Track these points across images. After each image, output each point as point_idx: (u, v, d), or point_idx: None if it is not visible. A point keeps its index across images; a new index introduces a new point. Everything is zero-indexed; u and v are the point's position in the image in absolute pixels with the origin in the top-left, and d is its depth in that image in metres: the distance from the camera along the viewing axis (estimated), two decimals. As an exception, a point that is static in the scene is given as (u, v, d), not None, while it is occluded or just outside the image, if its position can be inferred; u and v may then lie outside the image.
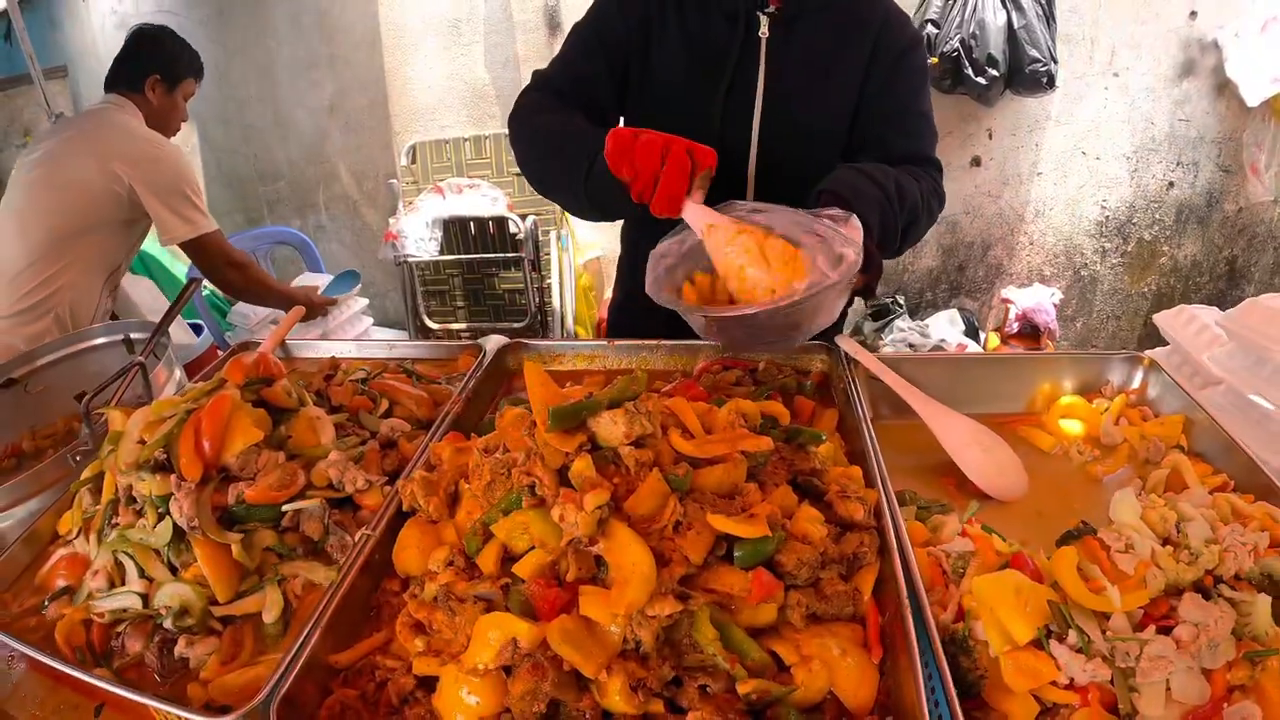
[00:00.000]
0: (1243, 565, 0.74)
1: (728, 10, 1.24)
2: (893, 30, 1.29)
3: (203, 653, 0.71)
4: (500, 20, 3.30)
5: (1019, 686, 0.62)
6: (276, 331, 1.26)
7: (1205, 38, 3.13)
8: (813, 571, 0.62)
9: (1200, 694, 0.65)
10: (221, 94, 3.93)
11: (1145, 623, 0.69)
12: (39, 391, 1.45)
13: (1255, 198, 3.33)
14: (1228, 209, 3.44)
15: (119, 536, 0.82)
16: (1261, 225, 3.48)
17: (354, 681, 0.64)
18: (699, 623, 0.55)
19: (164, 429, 0.80)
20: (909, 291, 3.53)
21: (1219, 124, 3.27)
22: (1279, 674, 0.68)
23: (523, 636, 0.52)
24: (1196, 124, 3.27)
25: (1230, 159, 3.32)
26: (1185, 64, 3.18)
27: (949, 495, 0.93)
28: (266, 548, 0.76)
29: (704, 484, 0.64)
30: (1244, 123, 3.23)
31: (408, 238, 2.97)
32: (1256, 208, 3.42)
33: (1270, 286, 3.62)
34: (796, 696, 0.56)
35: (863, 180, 1.05)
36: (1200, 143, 3.30)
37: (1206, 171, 3.36)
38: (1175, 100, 3.23)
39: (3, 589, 0.89)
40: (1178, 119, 3.26)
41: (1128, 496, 0.76)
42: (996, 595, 0.65)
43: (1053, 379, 1.16)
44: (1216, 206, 3.43)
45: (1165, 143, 3.30)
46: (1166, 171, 3.35)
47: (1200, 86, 3.21)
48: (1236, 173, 3.34)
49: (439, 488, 0.73)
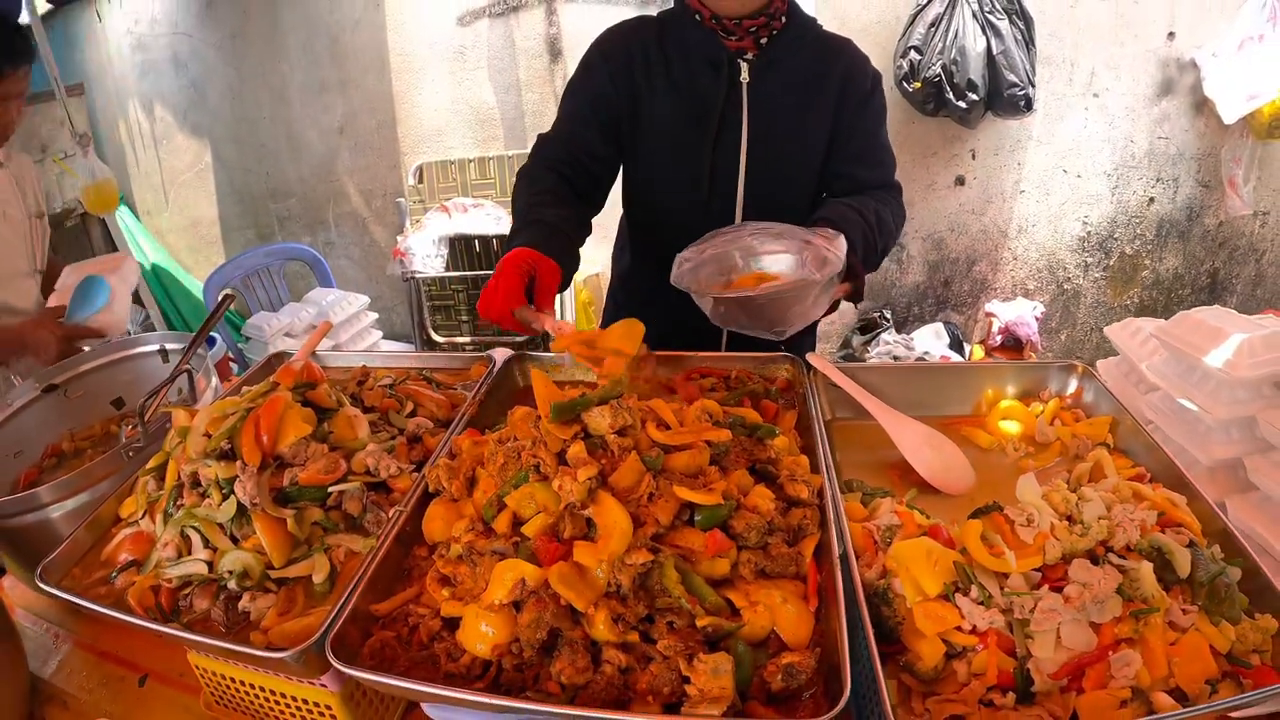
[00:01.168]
0: (1131, 538, 0.88)
1: (712, 59, 1.39)
2: (856, 75, 1.45)
3: (263, 606, 0.87)
4: (504, 47, 3.47)
5: (929, 630, 0.78)
6: (306, 345, 1.43)
7: (1183, 57, 3.26)
8: (761, 536, 0.79)
9: (1087, 642, 0.77)
10: (235, 114, 4.12)
11: (1044, 583, 0.85)
12: (78, 396, 1.57)
13: (1234, 211, 3.45)
14: (1208, 223, 3.56)
15: (186, 513, 0.97)
16: (1242, 238, 3.62)
17: (391, 626, 0.80)
18: (666, 571, 0.71)
19: (228, 424, 0.97)
20: (897, 306, 3.66)
21: (1198, 141, 3.40)
22: (1161, 629, 0.80)
23: (530, 577, 0.69)
24: (1176, 141, 3.40)
25: (1209, 174, 3.46)
26: (1164, 83, 3.31)
27: (893, 484, 1.09)
28: (314, 522, 0.93)
29: (673, 465, 0.82)
30: (1222, 139, 3.35)
31: (415, 255, 3.14)
32: (1237, 221, 3.54)
33: (1252, 297, 3.77)
34: (744, 632, 0.72)
35: (849, 211, 1.30)
36: (1180, 159, 3.43)
37: (1186, 187, 3.48)
38: (1154, 119, 3.36)
39: (72, 565, 1.03)
40: (1157, 137, 3.39)
41: (1030, 480, 0.92)
42: (911, 557, 0.81)
43: (997, 385, 1.29)
44: (1197, 221, 3.56)
45: (1145, 160, 3.43)
46: (1147, 188, 3.48)
47: (1179, 105, 3.34)
48: (1216, 188, 3.46)
49: (459, 473, 0.90)
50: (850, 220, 1.26)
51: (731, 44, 1.39)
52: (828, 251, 1.08)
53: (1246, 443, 1.18)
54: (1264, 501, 1.13)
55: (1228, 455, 1.17)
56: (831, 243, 1.10)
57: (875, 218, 1.32)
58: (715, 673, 0.66)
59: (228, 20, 3.94)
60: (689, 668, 0.66)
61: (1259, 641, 0.81)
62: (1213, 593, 0.84)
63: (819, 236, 1.13)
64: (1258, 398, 1.16)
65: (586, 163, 1.44)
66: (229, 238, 4.49)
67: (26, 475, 1.41)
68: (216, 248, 4.55)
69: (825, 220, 1.24)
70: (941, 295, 3.68)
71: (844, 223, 1.23)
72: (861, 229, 1.27)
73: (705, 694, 0.64)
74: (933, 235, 3.54)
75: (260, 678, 0.93)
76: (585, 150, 1.44)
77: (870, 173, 1.48)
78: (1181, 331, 1.27)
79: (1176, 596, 0.84)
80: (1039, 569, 0.85)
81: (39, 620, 1.26)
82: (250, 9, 3.86)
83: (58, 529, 1.16)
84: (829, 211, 1.30)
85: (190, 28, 4.07)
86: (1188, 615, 0.83)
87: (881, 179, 1.49)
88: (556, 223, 1.29)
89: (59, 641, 1.24)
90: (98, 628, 1.22)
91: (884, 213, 1.37)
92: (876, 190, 1.45)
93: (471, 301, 3.48)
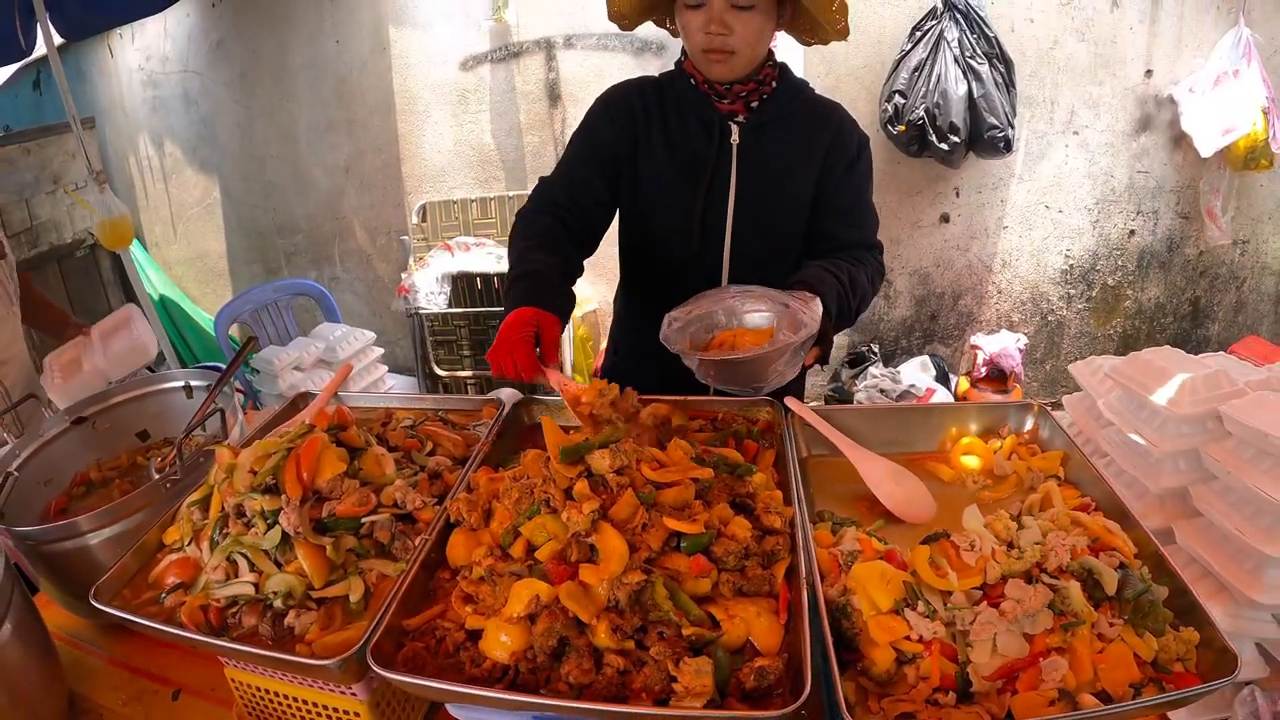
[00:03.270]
0: (1063, 561, 1.00)
1: (706, 120, 1.51)
2: (844, 137, 1.56)
3: (306, 622, 1.02)
4: (505, 91, 3.65)
5: (881, 640, 0.91)
6: (328, 387, 1.57)
7: (1161, 94, 3.40)
8: (738, 560, 0.94)
9: (1020, 650, 0.89)
10: (243, 151, 4.29)
11: (985, 600, 0.99)
12: (105, 429, 1.68)
13: (1214, 241, 3.58)
14: (1188, 253, 3.69)
15: (233, 541, 1.12)
16: (1223, 266, 3.74)
17: (420, 638, 0.95)
18: (657, 589, 0.87)
19: (271, 462, 1.12)
20: (885, 339, 3.80)
21: (1176, 174, 3.52)
22: (1088, 639, 0.91)
23: (543, 594, 0.85)
24: (1155, 175, 3.53)
25: (1188, 206, 3.58)
26: (1142, 119, 3.44)
27: (862, 514, 1.22)
28: (349, 549, 1.07)
29: (664, 500, 0.98)
30: (1200, 172, 3.47)
31: (419, 291, 3.31)
32: (1217, 250, 3.67)
33: (1234, 323, 3.88)
34: (723, 640, 0.87)
35: (826, 274, 1.40)
36: (1159, 192, 3.56)
37: (1166, 219, 3.61)
38: (1134, 154, 3.49)
39: (121, 587, 1.12)
40: (1137, 171, 3.52)
41: (974, 511, 1.07)
42: (867, 577, 0.95)
43: (961, 424, 1.41)
44: (1177, 251, 3.68)
45: (1125, 194, 3.56)
46: (1127, 220, 3.61)
47: (1157, 140, 3.47)
48: (1195, 218, 3.59)
49: (478, 505, 1.05)
50: (826, 283, 1.37)
51: (724, 107, 1.51)
52: (803, 314, 1.22)
53: (1192, 472, 1.26)
54: (1207, 527, 1.21)
55: (1175, 484, 1.26)
56: (808, 305, 1.24)
57: (850, 280, 1.43)
58: (698, 673, 0.81)
59: (237, 60, 4.13)
60: (676, 669, 0.81)
61: (1182, 651, 0.92)
62: (1138, 608, 0.95)
63: (796, 300, 1.27)
64: (1201, 432, 1.24)
65: (584, 207, 1.56)
66: (236, 271, 4.64)
67: (57, 502, 1.52)
68: (224, 280, 4.70)
69: (802, 283, 1.35)
70: (928, 328, 3.82)
71: (820, 285, 1.35)
72: (837, 291, 1.38)
73: (689, 690, 0.79)
74: (919, 270, 3.69)
75: (294, 689, 1.07)
76: (584, 195, 1.57)
77: (851, 232, 1.59)
78: (1132, 371, 1.36)
79: (1105, 612, 0.95)
80: (980, 588, 0.98)
81: (70, 638, 1.36)
82: (260, 50, 4.05)
83: (94, 555, 1.26)
84: (806, 275, 1.40)
85: (200, 66, 4.26)
86: (1114, 628, 0.92)
87: (861, 239, 1.59)
88: (549, 271, 1.42)
89: (92, 658, 1.34)
90: (130, 645, 1.33)
91: (858, 274, 1.47)
92: (856, 250, 1.56)
93: (473, 336, 3.63)
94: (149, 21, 4.17)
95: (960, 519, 1.09)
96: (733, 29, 1.38)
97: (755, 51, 1.44)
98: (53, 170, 4.48)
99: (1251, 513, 1.12)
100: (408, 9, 3.70)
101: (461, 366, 3.72)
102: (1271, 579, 1.09)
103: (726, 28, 1.37)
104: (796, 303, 1.26)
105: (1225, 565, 1.14)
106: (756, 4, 1.36)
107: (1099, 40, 3.35)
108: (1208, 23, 3.31)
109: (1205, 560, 1.17)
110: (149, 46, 4.39)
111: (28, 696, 1.14)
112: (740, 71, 1.46)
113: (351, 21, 3.81)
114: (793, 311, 1.25)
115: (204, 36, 4.17)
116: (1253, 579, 1.10)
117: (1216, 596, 1.15)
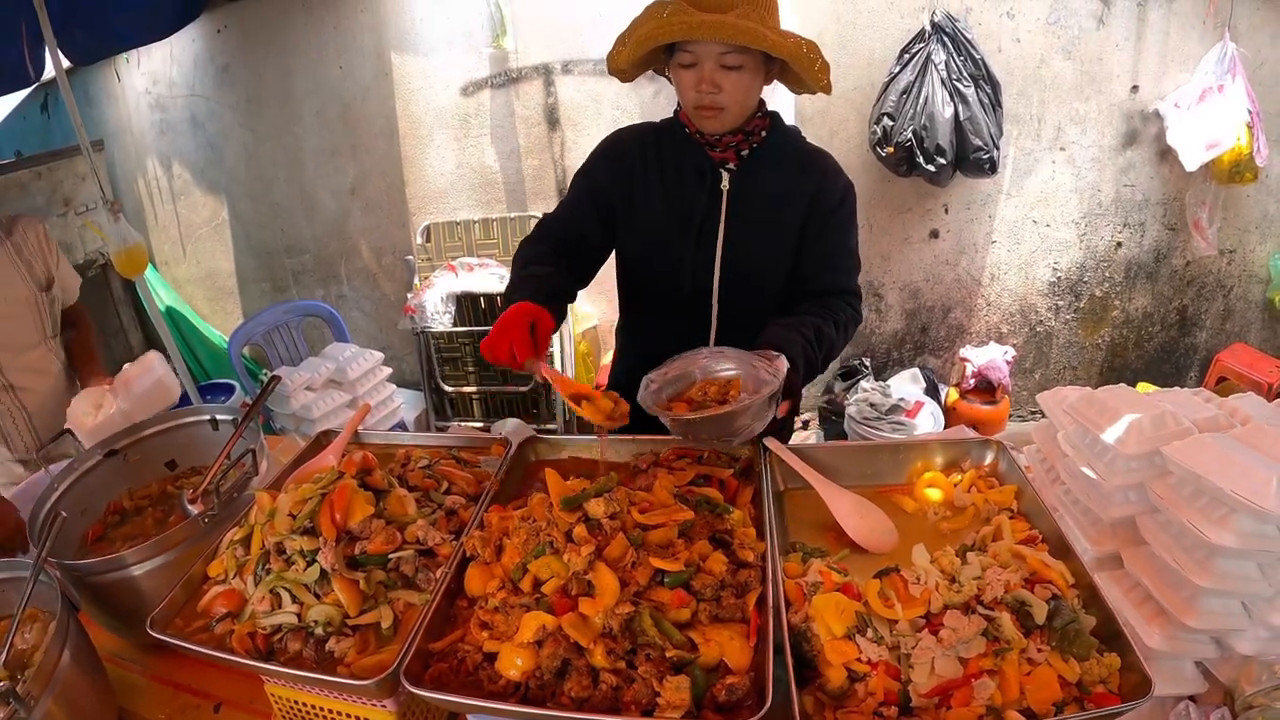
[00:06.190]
0: (998, 594, 1.13)
1: (698, 167, 1.65)
2: (828, 186, 1.67)
3: (345, 647, 1.20)
4: (505, 116, 3.79)
5: (836, 660, 1.06)
6: (349, 426, 1.74)
7: (1147, 109, 3.50)
8: (715, 592, 1.13)
9: (954, 672, 1.00)
10: (251, 174, 4.44)
11: (927, 627, 1.11)
12: (136, 460, 1.81)
13: (1200, 252, 3.69)
14: (1175, 263, 3.79)
15: (276, 576, 1.30)
16: (1210, 276, 3.83)
17: (444, 659, 1.14)
18: (644, 618, 1.05)
19: (308, 507, 1.31)
20: (876, 352, 3.96)
21: (1163, 187, 3.62)
22: (1016, 663, 1.03)
23: (549, 623, 1.04)
24: (1141, 188, 3.63)
25: (1175, 218, 3.69)
26: (1129, 134, 3.54)
27: (829, 544, 1.38)
28: (379, 581, 1.26)
29: (650, 540, 1.16)
30: (1186, 185, 3.57)
31: (425, 311, 3.49)
32: (1204, 260, 3.77)
33: (1221, 330, 3.98)
34: (700, 661, 1.05)
35: (790, 332, 1.52)
36: (1146, 205, 3.66)
37: (1153, 231, 3.71)
38: (1120, 168, 3.60)
39: (174, 616, 1.25)
40: (1123, 185, 3.63)
41: (921, 549, 1.23)
42: (825, 606, 1.13)
43: (926, 458, 1.53)
44: (1164, 262, 3.78)
45: (1112, 207, 3.66)
46: (1114, 233, 3.72)
47: (1144, 154, 3.57)
48: (1181, 230, 3.69)
49: (490, 542, 1.24)
50: (791, 341, 1.48)
51: (716, 155, 1.64)
52: (767, 374, 1.39)
53: (1140, 503, 1.34)
54: (1151, 555, 1.27)
55: (1123, 514, 1.34)
56: (772, 364, 1.39)
57: (815, 334, 1.55)
58: (678, 689, 0.99)
59: (243, 85, 4.29)
60: (660, 686, 1.00)
61: (1104, 674, 1.03)
62: (1065, 635, 1.06)
63: (762, 359, 1.43)
64: (1147, 467, 1.31)
65: (582, 243, 1.73)
66: (245, 289, 4.81)
67: (93, 530, 1.65)
68: (233, 299, 4.87)
69: (768, 344, 1.47)
70: (919, 341, 3.98)
71: (786, 345, 1.46)
72: (801, 348, 1.49)
73: (670, 704, 0.98)
74: (909, 285, 3.84)
75: (331, 702, 1.24)
76: (581, 232, 1.73)
77: (832, 277, 1.71)
78: (1087, 409, 1.43)
79: (1035, 639, 1.06)
80: (924, 616, 1.13)
81: (114, 657, 1.49)
82: (265, 75, 4.21)
83: (137, 585, 1.40)
84: (770, 336, 1.51)
85: (207, 91, 4.43)
86: (1042, 653, 1.04)
87: (839, 285, 1.71)
88: (548, 278, 1.58)
89: (135, 675, 1.48)
90: (172, 663, 1.46)
91: (825, 328, 1.58)
92: (832, 295, 1.69)
93: (478, 354, 3.79)
94: (155, 46, 4.31)
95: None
96: (722, 87, 1.51)
97: (744, 106, 1.58)
98: (64, 193, 4.64)
99: (1188, 545, 1.20)
100: (409, 36, 3.85)
101: (467, 382, 3.90)
102: (1204, 606, 1.19)
103: (716, 86, 1.51)
104: (762, 362, 1.42)
105: (1164, 592, 1.24)
106: (744, 64, 1.50)
107: (1085, 58, 3.47)
108: (1193, 38, 3.41)
109: (1148, 586, 1.25)
110: (155, 71, 4.55)
111: (85, 713, 1.26)
112: (730, 124, 1.59)
113: (354, 48, 3.96)
114: (757, 370, 1.42)
115: (210, 61, 4.33)
116: (1188, 606, 1.19)
117: (1157, 620, 1.25)
